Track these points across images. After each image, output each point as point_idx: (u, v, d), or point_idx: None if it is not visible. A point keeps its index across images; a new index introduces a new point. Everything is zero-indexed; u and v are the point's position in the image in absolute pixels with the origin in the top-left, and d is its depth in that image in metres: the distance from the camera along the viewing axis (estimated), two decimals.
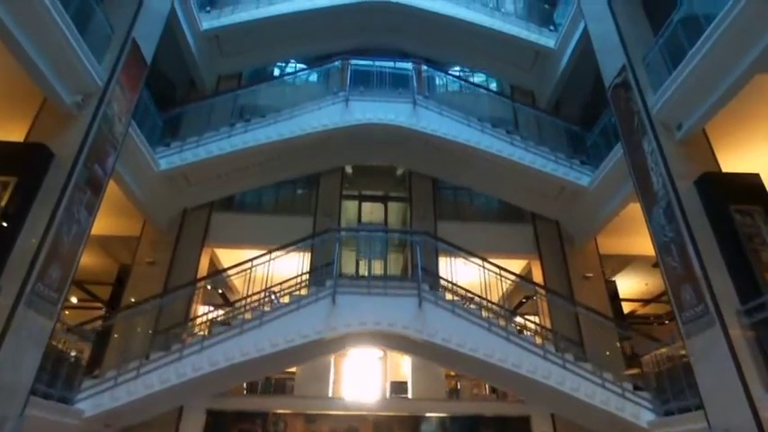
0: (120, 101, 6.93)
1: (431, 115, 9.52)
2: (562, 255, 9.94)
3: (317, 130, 9.21)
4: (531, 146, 9.31)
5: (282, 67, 13.00)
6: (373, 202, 12.47)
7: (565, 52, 10.44)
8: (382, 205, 12.25)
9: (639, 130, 7.07)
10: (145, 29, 7.58)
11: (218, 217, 10.07)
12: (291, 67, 12.97)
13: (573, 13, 9.84)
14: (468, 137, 9.29)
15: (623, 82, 7.57)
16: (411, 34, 12.16)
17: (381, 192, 12.17)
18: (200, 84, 11.11)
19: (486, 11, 11.34)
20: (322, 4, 11.08)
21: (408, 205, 10.91)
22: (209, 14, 10.71)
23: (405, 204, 11.54)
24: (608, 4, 8.14)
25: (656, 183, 6.63)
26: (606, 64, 8.11)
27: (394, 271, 11.43)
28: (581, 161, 9.21)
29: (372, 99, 9.66)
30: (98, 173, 6.40)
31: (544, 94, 11.59)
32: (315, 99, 10.49)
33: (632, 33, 7.74)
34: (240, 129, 9.10)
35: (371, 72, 10.16)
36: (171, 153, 8.73)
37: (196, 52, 10.44)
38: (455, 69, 13.08)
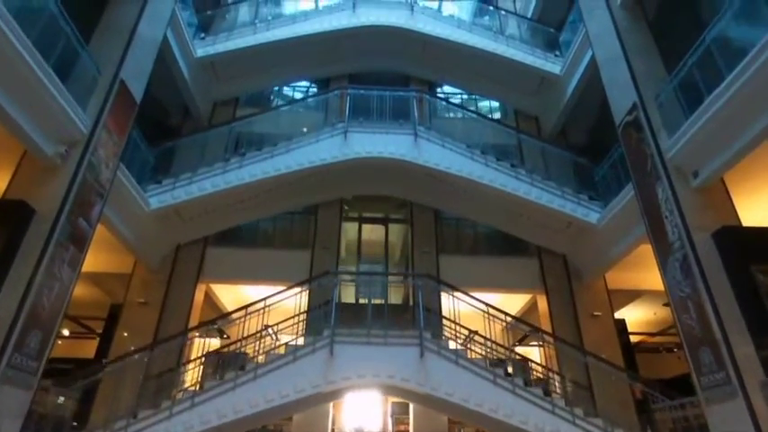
0: (107, 146, 6.60)
1: (433, 148, 9.18)
2: (569, 290, 9.59)
3: (316, 164, 8.88)
4: (536, 180, 8.96)
5: (279, 90, 12.65)
6: (373, 224, 12.15)
7: (571, 80, 10.10)
8: (383, 227, 11.93)
9: (653, 174, 6.72)
10: (135, 65, 7.26)
11: (213, 251, 9.75)
12: (289, 89, 12.64)
13: (580, 40, 9.51)
14: (472, 170, 8.95)
15: (634, 121, 7.22)
16: (412, 58, 11.84)
17: (382, 214, 11.83)
18: (195, 111, 10.79)
19: (489, 35, 11.01)
20: (320, 29, 10.75)
21: (409, 228, 10.55)
22: (204, 41, 10.39)
23: (406, 226, 11.21)
24: (618, 38, 7.80)
25: (672, 233, 6.28)
26: (616, 100, 7.76)
27: (394, 301, 11.09)
28: (589, 196, 8.85)
29: (372, 130, 9.32)
30: (82, 226, 6.08)
31: (549, 120, 11.25)
32: (313, 125, 10.26)
33: (644, 69, 7.40)
34: (235, 164, 8.77)
35: (371, 99, 9.81)
36: (162, 191, 8.40)
37: (190, 80, 10.12)
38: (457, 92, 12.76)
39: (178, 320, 8.96)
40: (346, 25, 10.87)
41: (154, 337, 8.71)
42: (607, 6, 8.22)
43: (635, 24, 7.94)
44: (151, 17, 7.73)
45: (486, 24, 12.17)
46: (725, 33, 5.90)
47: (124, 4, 7.45)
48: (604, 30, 8.21)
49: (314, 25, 10.78)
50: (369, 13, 11.08)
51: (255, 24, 10.71)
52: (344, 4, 11.17)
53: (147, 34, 7.62)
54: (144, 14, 7.52)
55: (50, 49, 5.66)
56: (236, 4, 11.71)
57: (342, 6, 11.17)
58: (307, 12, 11.02)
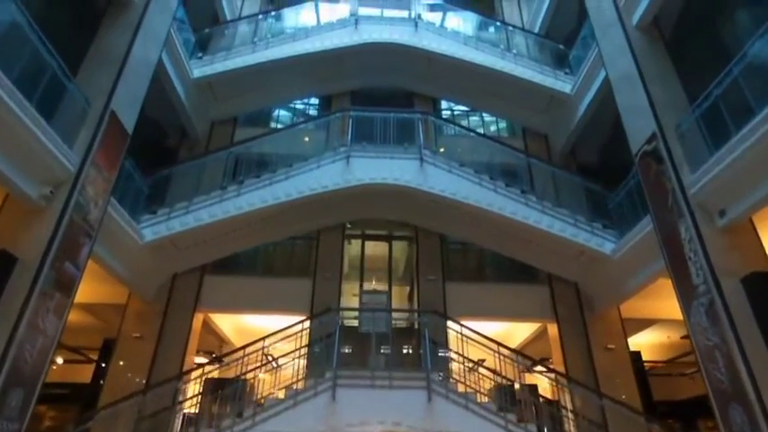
0: (97, 183, 6.25)
1: (439, 173, 8.80)
2: (581, 320, 9.20)
3: (317, 192, 8.51)
4: (548, 207, 8.57)
5: (280, 108, 12.29)
6: (377, 241, 11.81)
7: (583, 100, 9.71)
8: (386, 244, 11.55)
9: (674, 210, 6.32)
10: (127, 94, 6.91)
11: (211, 280, 9.38)
12: (290, 106, 12.29)
13: (592, 60, 9.12)
14: (480, 198, 8.57)
15: (653, 152, 6.83)
16: (417, 74, 11.47)
17: (385, 231, 11.44)
18: (192, 132, 10.44)
19: (496, 51, 10.63)
20: (321, 48, 10.39)
21: (414, 253, 10.16)
22: (201, 61, 10.04)
23: (410, 245, 10.83)
24: (634, 61, 7.41)
25: (696, 275, 5.88)
26: (633, 127, 7.37)
27: (399, 324, 10.69)
28: (603, 224, 8.46)
29: (376, 154, 8.95)
30: (69, 271, 5.72)
31: (559, 139, 10.86)
32: (314, 144, 9.92)
33: (663, 96, 7.01)
34: (232, 192, 8.41)
35: (374, 120, 9.43)
36: (157, 222, 8.05)
37: (187, 101, 9.78)
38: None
39: (175, 353, 8.61)
40: (348, 43, 10.51)
41: (149, 370, 8.37)
42: (621, 26, 7.84)
43: (652, 46, 7.56)
44: (145, 43, 7.38)
45: (493, 39, 11.81)
46: (755, 62, 5.52)
47: (116, 31, 7.10)
48: (619, 51, 7.83)
49: (315, 43, 10.42)
50: (371, 30, 10.71)
51: (254, 42, 10.35)
52: (346, 21, 10.82)
53: (141, 61, 7.28)
54: (137, 40, 7.17)
55: (33, 84, 5.33)
56: (235, 21, 11.37)
57: (344, 23, 10.82)
58: (307, 29, 10.66)
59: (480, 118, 12.18)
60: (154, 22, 7.69)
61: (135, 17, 7.35)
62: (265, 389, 7.71)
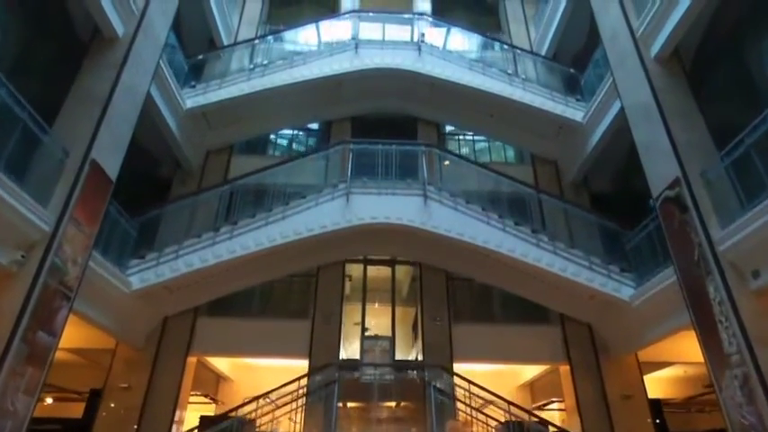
0: (75, 240, 5.79)
1: (444, 211, 8.31)
2: (596, 364, 8.68)
3: (315, 232, 8.03)
4: (560, 248, 8.06)
5: (277, 134, 11.82)
6: (380, 266, 11.34)
7: (596, 130, 9.19)
8: (389, 269, 11.04)
9: (701, 266, 5.80)
10: (110, 139, 6.45)
11: (205, 322, 8.92)
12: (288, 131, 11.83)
13: (606, 89, 8.59)
14: (488, 238, 8.07)
15: (677, 198, 6.30)
16: (419, 99, 10.99)
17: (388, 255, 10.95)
18: (186, 163, 9.99)
19: (504, 77, 10.12)
20: (320, 74, 9.93)
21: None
22: (194, 90, 9.58)
23: (414, 269, 10.33)
24: (653, 97, 6.87)
25: (728, 342, 5.36)
26: (653, 169, 6.85)
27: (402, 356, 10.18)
28: (620, 268, 7.93)
29: (377, 191, 8.47)
30: (42, 341, 5.26)
31: (570, 168, 10.33)
32: (312, 174, 9.40)
33: (686, 137, 6.48)
34: (225, 234, 7.95)
35: (375, 152, 8.95)
36: (146, 267, 7.60)
37: (179, 133, 9.32)
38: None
39: (166, 404, 8.15)
40: (349, 69, 10.04)
41: (138, 424, 7.91)
42: (639, 58, 7.31)
43: (672, 80, 7.04)
44: (131, 81, 6.93)
45: (499, 58, 11.31)
46: None
47: (99, 69, 6.65)
48: (636, 84, 7.30)
49: (313, 69, 9.95)
50: (372, 55, 10.24)
51: (250, 69, 9.90)
52: (346, 45, 10.35)
53: (126, 101, 6.82)
54: (122, 79, 6.71)
55: (1, 143, 4.88)
56: (231, 46, 10.93)
57: (343, 47, 10.35)
58: (305, 54, 10.19)
59: (487, 142, 11.67)
60: (141, 57, 7.23)
61: (120, 54, 6.89)
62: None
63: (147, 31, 7.45)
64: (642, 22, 7.31)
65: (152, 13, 7.57)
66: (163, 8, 7.94)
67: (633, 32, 7.53)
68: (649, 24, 7.17)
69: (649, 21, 7.14)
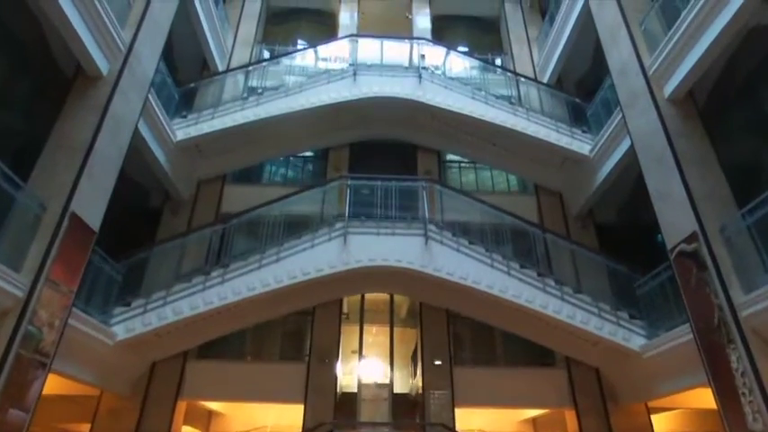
0: (53, 302, 5.39)
1: (446, 253, 7.94)
2: (604, 411, 8.31)
3: (311, 276, 7.65)
4: (568, 294, 7.71)
5: (270, 166, 11.42)
6: (378, 301, 11.05)
7: (603, 165, 8.84)
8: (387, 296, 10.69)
9: (721, 332, 5.45)
10: (92, 188, 6.05)
11: (195, 366, 8.50)
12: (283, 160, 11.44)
13: (615, 125, 8.23)
14: (492, 282, 7.71)
15: (694, 254, 5.95)
16: (420, 126, 10.63)
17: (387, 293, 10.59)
18: (176, 194, 9.58)
19: (507, 106, 9.75)
20: (318, 103, 9.55)
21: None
22: (185, 120, 9.18)
23: (414, 306, 10.00)
24: (667, 142, 6.52)
25: (752, 419, 5.01)
26: (668, 218, 6.49)
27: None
28: (630, 314, 7.59)
29: (376, 231, 8.09)
30: (15, 419, 4.87)
31: (576, 200, 9.98)
32: (308, 206, 9.01)
33: (704, 188, 6.15)
34: (216, 278, 7.56)
35: (374, 187, 8.58)
36: (132, 316, 7.21)
37: (169, 165, 8.92)
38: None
39: None
40: (347, 97, 9.67)
41: None
42: (651, 98, 6.96)
43: (687, 124, 6.69)
44: (116, 123, 6.54)
45: (502, 84, 10.98)
46: None
47: (81, 113, 6.27)
48: (649, 127, 6.95)
49: (310, 98, 9.57)
50: (371, 83, 9.87)
51: (244, 98, 9.49)
52: (344, 72, 9.98)
53: (110, 144, 6.43)
54: (106, 121, 6.32)
55: None
56: (224, 73, 10.54)
57: (341, 74, 9.97)
58: (302, 82, 9.80)
59: (490, 170, 11.30)
60: (127, 96, 6.85)
61: (105, 93, 6.50)
62: None
63: (135, 67, 7.06)
64: (655, 61, 6.98)
65: (139, 47, 7.18)
66: (151, 40, 7.54)
67: (645, 70, 7.19)
68: (663, 64, 6.83)
69: (663, 60, 6.81)
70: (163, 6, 7.83)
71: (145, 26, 7.33)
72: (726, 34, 5.82)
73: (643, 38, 7.51)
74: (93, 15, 6.16)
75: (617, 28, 7.92)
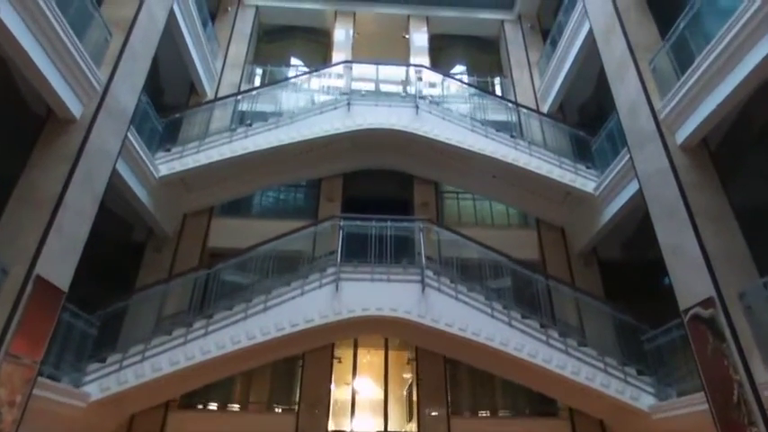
0: (13, 378, 4.90)
1: (443, 301, 7.50)
2: None
3: (299, 328, 7.18)
4: (572, 347, 7.29)
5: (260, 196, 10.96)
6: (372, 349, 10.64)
7: (608, 205, 8.43)
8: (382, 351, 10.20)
9: (742, 411, 5.04)
10: (61, 245, 5.58)
11: (177, 418, 8.04)
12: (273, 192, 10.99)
13: (623, 165, 7.80)
14: (492, 334, 7.28)
15: (710, 321, 5.54)
16: (417, 158, 10.23)
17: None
18: (160, 231, 9.10)
19: (508, 140, 9.31)
20: (310, 136, 9.08)
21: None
22: (169, 154, 8.69)
23: (410, 351, 9.53)
24: (681, 195, 6.11)
25: None
26: (681, 278, 6.08)
27: None
28: (637, 370, 7.18)
29: (370, 276, 7.64)
30: None
31: (579, 239, 9.58)
32: (299, 243, 8.56)
33: (720, 245, 5.75)
34: (199, 330, 7.08)
35: (369, 228, 8.12)
36: (107, 374, 6.69)
37: (151, 202, 8.43)
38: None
39: None
40: (340, 129, 9.21)
41: None
42: (662, 145, 6.55)
43: (701, 175, 6.28)
44: (88, 171, 6.06)
45: (502, 109, 10.57)
46: None
47: (49, 164, 5.78)
48: (660, 176, 6.54)
49: (302, 130, 9.11)
50: (366, 113, 9.42)
51: (232, 129, 9.02)
52: (337, 102, 9.52)
53: (82, 197, 5.95)
54: (76, 174, 5.82)
55: None
56: (212, 102, 10.06)
57: (334, 104, 9.52)
58: (293, 113, 9.33)
59: (489, 201, 10.88)
60: (103, 138, 6.38)
61: (77, 139, 6.02)
62: None
63: (112, 107, 6.58)
64: (667, 104, 6.57)
65: (118, 85, 6.71)
66: (131, 76, 7.07)
67: (656, 114, 6.78)
68: (675, 109, 6.42)
69: (675, 105, 6.40)
70: (144, 39, 7.35)
71: (124, 62, 6.85)
72: (746, 85, 5.42)
73: (653, 78, 7.11)
74: (63, 56, 5.68)
75: (625, 66, 7.51)
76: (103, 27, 6.68)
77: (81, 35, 6.15)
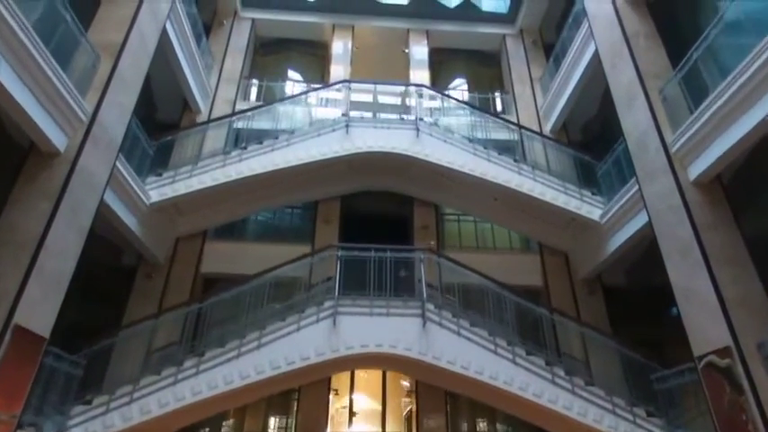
0: None
1: (445, 337, 7.20)
2: None
3: (296, 366, 6.87)
4: (578, 386, 7.02)
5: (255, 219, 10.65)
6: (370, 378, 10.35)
7: (615, 235, 8.19)
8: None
9: None
10: (43, 290, 5.27)
11: None
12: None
13: (632, 195, 7.53)
14: (496, 372, 6.98)
15: (727, 371, 5.29)
16: (417, 180, 9.96)
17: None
18: (150, 257, 8.79)
19: (511, 163, 9.03)
20: (306, 159, 8.78)
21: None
22: (161, 179, 8.36)
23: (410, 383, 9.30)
24: (695, 236, 5.87)
25: None
26: (695, 322, 5.83)
27: None
28: (647, 411, 6.91)
29: (369, 311, 7.34)
30: None
31: (583, 265, 9.33)
32: (294, 269, 8.26)
33: (737, 291, 5.50)
34: (190, 368, 6.74)
35: (367, 260, 7.82)
36: (92, 417, 6.32)
37: (142, 230, 8.13)
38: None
39: None
40: (339, 153, 8.91)
41: None
42: (674, 180, 6.32)
43: (716, 213, 6.03)
44: (73, 207, 5.74)
45: (505, 128, 10.31)
46: None
47: (30, 202, 5.45)
48: (672, 213, 6.29)
49: (298, 153, 8.81)
50: (365, 135, 9.12)
51: (226, 153, 8.71)
52: (335, 124, 9.22)
53: (66, 235, 5.64)
54: (60, 210, 5.51)
55: None
56: (205, 124, 9.75)
57: (332, 125, 9.21)
58: (289, 135, 9.02)
59: (491, 224, 10.61)
60: (89, 171, 6.06)
61: (61, 174, 5.71)
62: None
63: (99, 137, 6.27)
64: (679, 138, 6.31)
65: (105, 114, 6.39)
66: (120, 103, 6.75)
67: (666, 146, 6.54)
68: (688, 143, 6.18)
69: (688, 139, 6.14)
70: (134, 63, 7.03)
71: (113, 88, 6.53)
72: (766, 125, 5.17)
73: (663, 108, 6.86)
74: (44, 86, 5.35)
75: (633, 93, 7.26)
76: (91, 52, 6.37)
77: (66, 62, 5.86)
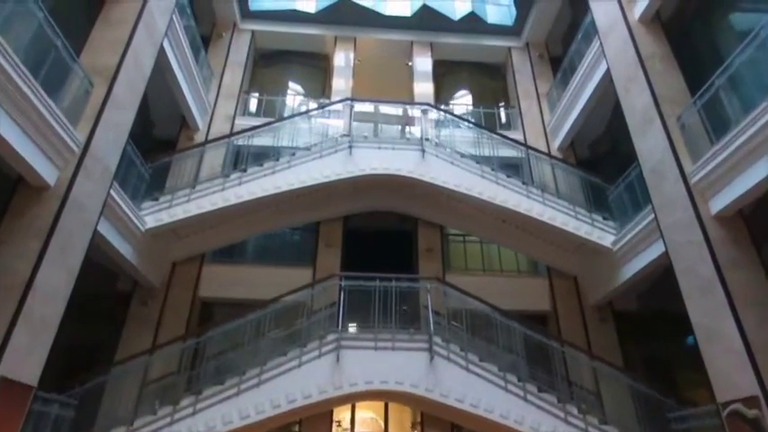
0: None
1: (453, 373, 6.94)
2: None
3: (297, 404, 6.59)
4: (592, 425, 6.73)
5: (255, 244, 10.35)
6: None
7: (628, 263, 7.88)
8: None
9: None
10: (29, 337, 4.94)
11: None
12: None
13: (647, 224, 7.24)
14: (507, 410, 6.70)
15: (755, 422, 5.01)
16: (422, 200, 9.65)
17: None
18: (147, 283, 8.49)
19: (519, 186, 8.75)
20: (308, 183, 8.49)
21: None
22: (157, 203, 8.06)
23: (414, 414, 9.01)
24: (719, 277, 5.58)
25: None
26: (718, 367, 5.53)
27: None
28: None
29: (374, 345, 7.07)
30: None
31: (593, 292, 9.03)
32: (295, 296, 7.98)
33: (765, 338, 5.20)
34: (187, 408, 6.46)
35: (371, 290, 7.54)
36: None
37: (137, 257, 7.83)
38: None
39: None
40: (342, 175, 8.61)
41: None
42: (695, 214, 6.01)
43: (740, 251, 5.73)
44: (64, 245, 5.43)
45: (511, 145, 10.02)
46: None
47: (18, 240, 5.14)
48: (693, 249, 5.97)
49: (300, 175, 8.51)
50: (369, 157, 8.84)
51: (225, 176, 8.41)
52: (338, 144, 8.93)
53: (56, 276, 5.33)
54: (51, 245, 5.22)
55: None
56: (201, 146, 9.45)
57: (335, 146, 8.92)
58: (290, 156, 8.72)
59: (497, 247, 10.34)
60: (82, 205, 5.75)
61: (51, 209, 5.40)
62: None
63: (92, 168, 5.96)
64: (699, 170, 6.03)
65: (98, 142, 6.08)
66: (114, 130, 6.44)
67: (686, 177, 6.25)
68: (709, 176, 5.89)
69: (710, 172, 5.86)
70: (129, 87, 6.73)
71: (107, 114, 6.22)
72: None
73: (681, 135, 6.58)
74: (32, 118, 5.02)
75: (649, 119, 6.97)
76: (84, 78, 6.07)
77: (57, 90, 5.56)
